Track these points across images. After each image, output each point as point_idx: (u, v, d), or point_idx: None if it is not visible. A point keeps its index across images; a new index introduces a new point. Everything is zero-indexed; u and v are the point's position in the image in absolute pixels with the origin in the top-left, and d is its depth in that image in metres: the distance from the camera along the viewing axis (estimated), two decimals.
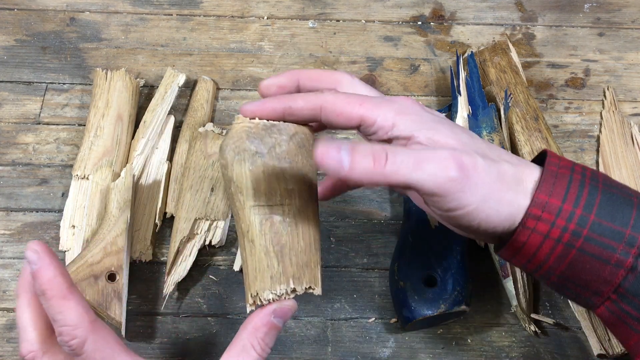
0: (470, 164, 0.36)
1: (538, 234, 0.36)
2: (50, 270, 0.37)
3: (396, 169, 0.35)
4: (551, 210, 0.36)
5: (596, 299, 0.37)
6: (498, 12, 0.72)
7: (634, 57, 0.69)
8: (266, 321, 0.39)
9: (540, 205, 0.36)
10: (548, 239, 0.36)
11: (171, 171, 0.60)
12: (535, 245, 0.36)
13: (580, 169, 0.38)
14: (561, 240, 0.36)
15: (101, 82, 0.62)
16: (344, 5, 0.71)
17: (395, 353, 0.54)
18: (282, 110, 0.40)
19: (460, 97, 0.61)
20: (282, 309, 0.39)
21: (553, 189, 0.36)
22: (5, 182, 0.61)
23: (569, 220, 0.35)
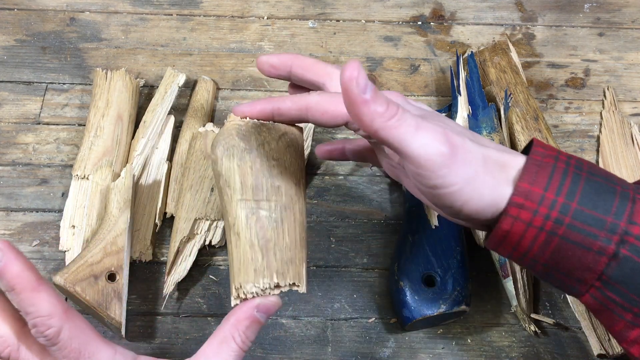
0: (459, 143, 0.37)
1: (521, 222, 0.36)
2: (17, 265, 0.37)
3: (399, 125, 0.35)
4: (533, 199, 0.36)
5: (581, 287, 0.37)
6: (498, 12, 0.72)
7: (634, 57, 0.69)
8: (249, 314, 0.39)
9: (522, 194, 0.36)
10: (531, 227, 0.36)
11: (171, 171, 0.60)
12: (518, 234, 0.37)
13: (564, 157, 0.38)
14: (544, 228, 0.36)
15: (101, 82, 0.62)
16: (344, 5, 0.71)
17: (395, 353, 0.54)
18: (270, 111, 0.42)
19: (460, 97, 0.61)
20: (265, 304, 0.40)
21: (536, 177, 0.36)
22: (5, 182, 0.61)
23: (551, 208, 0.36)
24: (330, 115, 0.41)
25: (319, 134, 0.64)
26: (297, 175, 0.43)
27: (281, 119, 0.43)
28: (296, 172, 0.43)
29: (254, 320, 0.40)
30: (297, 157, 0.43)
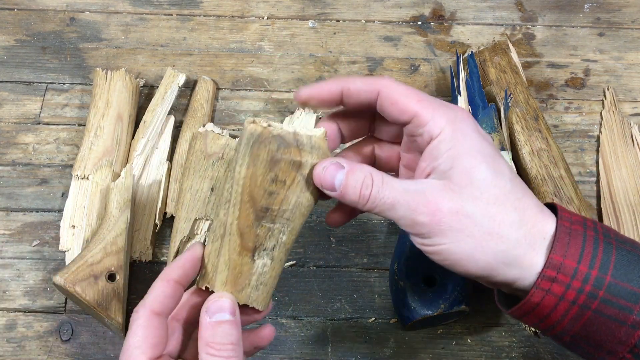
0: (448, 210, 0.36)
1: (553, 296, 0.35)
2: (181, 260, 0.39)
3: (375, 207, 0.37)
4: (566, 272, 0.35)
5: (610, 358, 0.36)
6: (498, 12, 0.72)
7: (634, 57, 0.69)
8: (204, 324, 0.38)
9: (555, 267, 0.35)
10: (563, 300, 0.35)
11: (171, 171, 0.60)
12: (549, 307, 0.36)
13: (591, 224, 0.37)
14: (577, 302, 0.35)
15: (101, 82, 0.62)
16: (344, 5, 0.71)
17: (395, 353, 0.54)
18: (339, 91, 0.40)
19: (460, 97, 0.61)
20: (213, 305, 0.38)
21: (568, 248, 0.35)
22: (5, 182, 0.61)
23: (585, 282, 0.35)
24: (401, 108, 0.38)
25: None
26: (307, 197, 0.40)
27: (349, 100, 0.40)
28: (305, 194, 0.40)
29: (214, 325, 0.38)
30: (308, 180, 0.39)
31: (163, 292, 0.38)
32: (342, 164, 0.38)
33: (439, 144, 0.37)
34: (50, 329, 0.55)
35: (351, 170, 0.37)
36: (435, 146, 0.38)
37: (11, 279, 0.57)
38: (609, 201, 0.60)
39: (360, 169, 0.38)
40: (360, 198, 0.37)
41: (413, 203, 0.36)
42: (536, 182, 0.58)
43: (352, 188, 0.37)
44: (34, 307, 0.56)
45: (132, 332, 0.37)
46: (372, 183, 0.37)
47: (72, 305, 0.56)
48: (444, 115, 0.38)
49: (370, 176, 0.37)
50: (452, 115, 0.38)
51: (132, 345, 0.37)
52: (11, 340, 0.54)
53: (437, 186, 0.37)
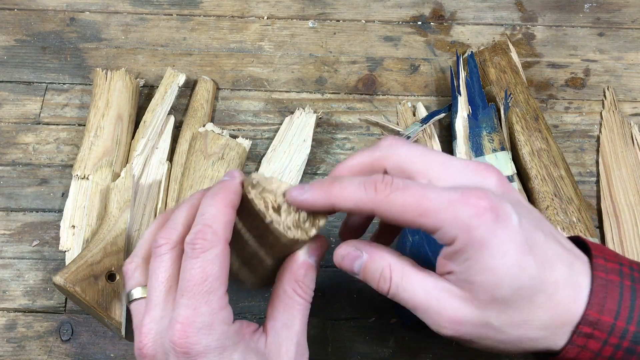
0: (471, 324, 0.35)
1: (589, 352, 0.35)
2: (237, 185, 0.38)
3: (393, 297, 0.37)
4: (603, 329, 0.34)
5: None
6: (498, 12, 0.72)
7: (634, 57, 0.69)
8: (301, 262, 0.38)
9: (591, 324, 0.34)
10: (600, 357, 0.35)
11: (171, 171, 0.60)
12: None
13: (627, 269, 0.36)
14: (614, 358, 0.35)
15: (101, 82, 0.62)
16: (344, 5, 0.71)
17: (395, 353, 0.54)
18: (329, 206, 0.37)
19: (460, 97, 0.61)
20: (313, 249, 0.38)
21: (605, 303, 0.34)
22: (5, 182, 0.61)
23: (623, 338, 0.34)
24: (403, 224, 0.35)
25: (318, 134, 0.64)
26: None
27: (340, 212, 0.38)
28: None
29: (308, 266, 0.38)
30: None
31: (231, 219, 0.36)
32: (362, 250, 0.37)
33: (454, 253, 0.34)
34: (50, 329, 0.55)
35: (370, 259, 0.37)
36: (451, 253, 0.35)
37: (11, 279, 0.57)
38: (609, 201, 0.60)
39: (380, 258, 0.37)
40: (379, 289, 0.37)
41: (435, 315, 0.35)
42: (536, 182, 0.58)
43: (371, 278, 0.37)
44: (34, 307, 0.56)
45: (207, 260, 0.35)
46: (391, 278, 0.36)
47: (72, 305, 0.56)
48: (453, 223, 0.33)
49: (389, 269, 0.36)
50: (462, 219, 0.33)
51: (213, 275, 0.35)
52: (11, 340, 0.54)
53: (458, 297, 0.35)
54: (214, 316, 0.34)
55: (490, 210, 0.33)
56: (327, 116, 0.65)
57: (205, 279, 0.34)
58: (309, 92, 0.66)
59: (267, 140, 0.63)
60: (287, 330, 0.37)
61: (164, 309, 0.36)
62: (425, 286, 0.36)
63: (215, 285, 0.35)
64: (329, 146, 0.63)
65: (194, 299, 0.34)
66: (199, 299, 0.34)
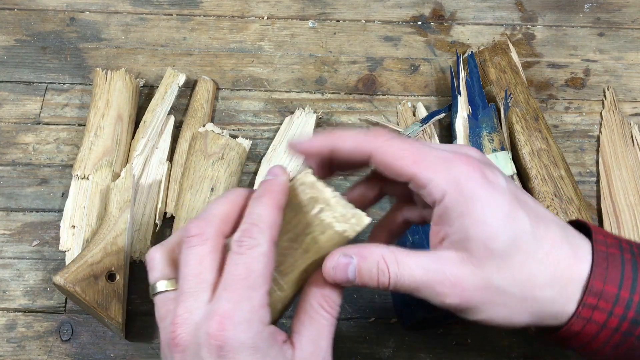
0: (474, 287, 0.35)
1: (594, 324, 0.35)
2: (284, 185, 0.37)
3: (397, 289, 0.36)
4: (608, 299, 0.34)
5: None
6: (498, 12, 0.72)
7: (634, 57, 0.69)
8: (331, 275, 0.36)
9: (596, 294, 0.34)
10: (605, 328, 0.35)
11: (171, 171, 0.60)
12: (590, 335, 0.35)
13: (627, 245, 0.36)
14: (619, 330, 0.34)
15: (101, 82, 0.62)
16: (344, 5, 0.71)
17: (395, 353, 0.54)
18: (328, 149, 0.38)
19: (460, 97, 0.61)
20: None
21: (607, 274, 0.34)
22: (5, 182, 0.61)
23: (627, 308, 0.34)
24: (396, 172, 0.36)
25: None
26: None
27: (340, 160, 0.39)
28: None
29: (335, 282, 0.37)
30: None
31: (277, 220, 0.36)
32: (351, 254, 0.36)
33: (446, 210, 0.35)
34: (50, 329, 0.55)
35: (361, 259, 0.36)
36: (442, 212, 0.35)
37: (11, 279, 0.57)
38: (609, 201, 0.60)
39: (370, 254, 0.36)
40: (380, 285, 0.36)
41: (437, 286, 0.35)
42: (536, 182, 0.58)
43: (368, 278, 0.36)
44: (34, 307, 0.56)
45: (253, 257, 0.34)
46: (388, 268, 0.35)
47: (72, 305, 0.56)
48: (444, 177, 0.35)
49: (383, 260, 0.36)
50: (453, 175, 0.35)
51: (257, 272, 0.34)
52: (11, 340, 0.54)
53: (456, 261, 0.35)
54: (254, 313, 0.34)
55: (480, 170, 0.35)
56: (327, 116, 0.65)
57: (249, 274, 0.34)
58: (309, 92, 0.66)
59: (267, 140, 0.63)
60: (312, 346, 0.37)
61: (197, 300, 0.35)
62: (421, 264, 0.35)
63: (259, 282, 0.34)
64: None
65: (236, 292, 0.34)
66: (242, 293, 0.34)
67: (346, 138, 0.37)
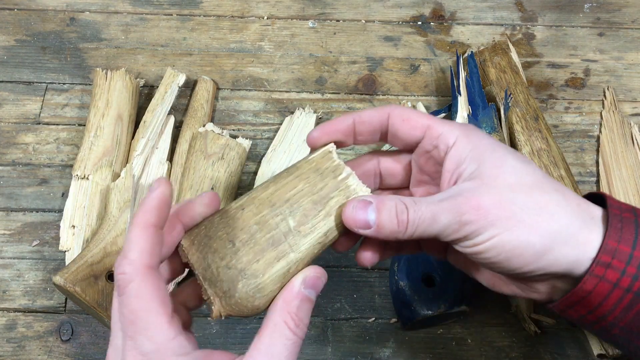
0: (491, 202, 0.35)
1: (607, 283, 0.34)
2: (155, 200, 0.34)
3: (416, 228, 0.36)
4: (621, 258, 0.34)
5: None
6: (498, 12, 0.72)
7: (634, 57, 0.69)
8: (296, 292, 0.36)
9: (610, 252, 0.34)
10: (617, 288, 0.34)
11: (171, 171, 0.60)
12: (602, 295, 0.35)
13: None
14: (631, 289, 0.34)
15: (101, 82, 0.62)
16: (344, 5, 0.71)
17: (395, 353, 0.54)
18: (351, 124, 0.41)
19: (460, 97, 0.61)
20: (310, 279, 0.36)
21: (621, 234, 0.34)
22: (5, 182, 0.61)
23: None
24: (413, 124, 0.40)
25: None
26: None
27: (362, 128, 0.41)
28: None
29: (303, 298, 0.36)
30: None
31: (148, 242, 0.34)
32: (369, 199, 0.37)
33: (458, 149, 0.38)
34: (50, 329, 0.55)
35: (381, 202, 0.37)
36: (455, 152, 0.38)
37: (11, 279, 0.57)
38: None
39: (387, 197, 0.37)
40: (400, 225, 0.36)
41: (454, 207, 0.36)
42: None
43: (388, 219, 0.36)
44: (34, 307, 0.56)
45: (131, 297, 0.32)
46: (406, 206, 0.36)
47: (72, 305, 0.56)
48: (455, 127, 0.39)
49: (401, 201, 0.36)
50: (462, 126, 0.39)
51: (142, 310, 0.32)
52: (11, 340, 0.54)
53: (471, 186, 0.36)
54: (161, 353, 0.32)
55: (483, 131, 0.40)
56: (327, 116, 0.65)
57: (136, 316, 0.32)
58: (309, 92, 0.66)
59: (267, 140, 0.63)
60: None
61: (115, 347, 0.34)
62: (437, 197, 0.37)
63: (150, 318, 0.32)
64: None
65: (134, 339, 0.32)
66: (139, 338, 0.32)
67: (364, 111, 0.41)
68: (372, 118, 0.40)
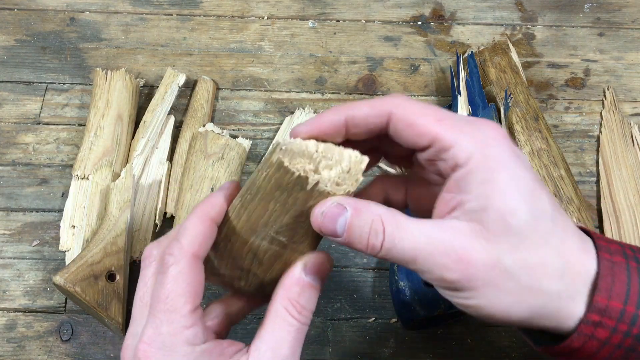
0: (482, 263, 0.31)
1: (596, 341, 0.32)
2: (221, 198, 0.35)
3: (389, 257, 0.32)
4: (612, 315, 0.31)
5: None
6: (498, 12, 0.72)
7: (634, 57, 0.69)
8: (296, 278, 0.34)
9: (599, 310, 0.32)
10: (607, 345, 0.32)
11: (171, 171, 0.60)
12: (591, 351, 0.32)
13: (630, 252, 0.33)
14: (622, 346, 0.32)
15: (101, 82, 0.62)
16: (344, 5, 0.71)
17: (395, 353, 0.54)
18: (343, 121, 0.34)
19: (460, 97, 0.61)
20: (313, 265, 0.35)
21: (613, 288, 0.32)
22: (5, 182, 0.61)
23: (632, 325, 0.31)
24: (418, 131, 0.32)
25: None
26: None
27: (356, 130, 0.34)
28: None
29: (305, 284, 0.34)
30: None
31: (202, 233, 0.34)
32: (345, 205, 0.32)
33: (468, 174, 0.31)
34: (50, 329, 0.55)
35: (356, 213, 0.31)
36: (463, 177, 0.31)
37: (11, 279, 0.57)
38: (609, 201, 0.60)
39: (367, 210, 0.32)
40: (369, 248, 0.32)
41: (439, 257, 0.31)
42: None
43: (358, 236, 0.32)
44: (34, 307, 0.56)
45: (170, 277, 0.33)
46: (384, 229, 0.31)
47: (72, 305, 0.56)
48: (471, 138, 0.32)
49: (380, 220, 0.31)
50: (481, 137, 0.32)
51: (175, 292, 0.33)
52: (11, 340, 0.54)
53: (467, 232, 0.31)
54: (176, 337, 0.33)
55: (507, 137, 0.32)
56: None
57: (167, 296, 0.33)
58: (309, 92, 0.66)
59: (267, 140, 0.63)
60: (272, 354, 0.34)
61: (139, 325, 0.35)
62: (425, 231, 0.31)
63: (178, 303, 0.33)
64: None
65: (156, 317, 0.33)
66: (161, 317, 0.33)
67: (360, 104, 0.34)
68: (367, 119, 0.34)
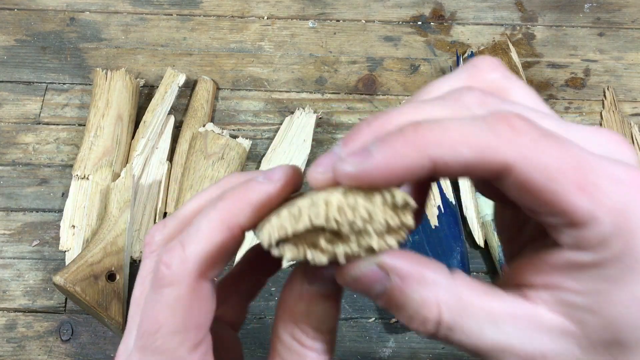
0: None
1: None
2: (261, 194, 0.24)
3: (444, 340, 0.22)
4: None
5: None
6: (498, 12, 0.72)
7: (634, 57, 0.69)
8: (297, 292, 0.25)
9: None
10: None
11: (171, 171, 0.60)
12: None
13: None
14: None
15: (101, 82, 0.62)
16: (344, 5, 0.71)
17: (395, 353, 0.54)
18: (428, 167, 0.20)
19: None
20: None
21: None
22: (5, 182, 0.61)
23: None
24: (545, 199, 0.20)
25: (318, 134, 0.64)
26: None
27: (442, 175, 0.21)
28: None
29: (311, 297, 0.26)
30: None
31: (220, 246, 0.24)
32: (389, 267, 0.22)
33: (592, 269, 0.20)
34: (50, 329, 0.55)
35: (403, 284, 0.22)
36: (583, 269, 0.21)
37: (11, 279, 0.57)
38: None
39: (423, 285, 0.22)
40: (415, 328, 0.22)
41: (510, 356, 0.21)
42: None
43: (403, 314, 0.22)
44: (34, 307, 0.56)
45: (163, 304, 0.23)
46: (440, 317, 0.21)
47: (72, 305, 0.56)
48: (610, 213, 0.19)
49: (436, 306, 0.21)
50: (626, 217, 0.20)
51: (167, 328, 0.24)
52: (11, 340, 0.54)
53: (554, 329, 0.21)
54: None
55: None
56: (327, 116, 0.65)
57: (157, 330, 0.24)
58: (309, 92, 0.66)
59: (267, 140, 0.63)
60: None
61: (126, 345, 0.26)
62: (494, 317, 0.21)
63: (171, 343, 0.24)
64: (329, 146, 0.63)
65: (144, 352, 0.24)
66: (149, 357, 0.24)
67: (455, 142, 0.20)
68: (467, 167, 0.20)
